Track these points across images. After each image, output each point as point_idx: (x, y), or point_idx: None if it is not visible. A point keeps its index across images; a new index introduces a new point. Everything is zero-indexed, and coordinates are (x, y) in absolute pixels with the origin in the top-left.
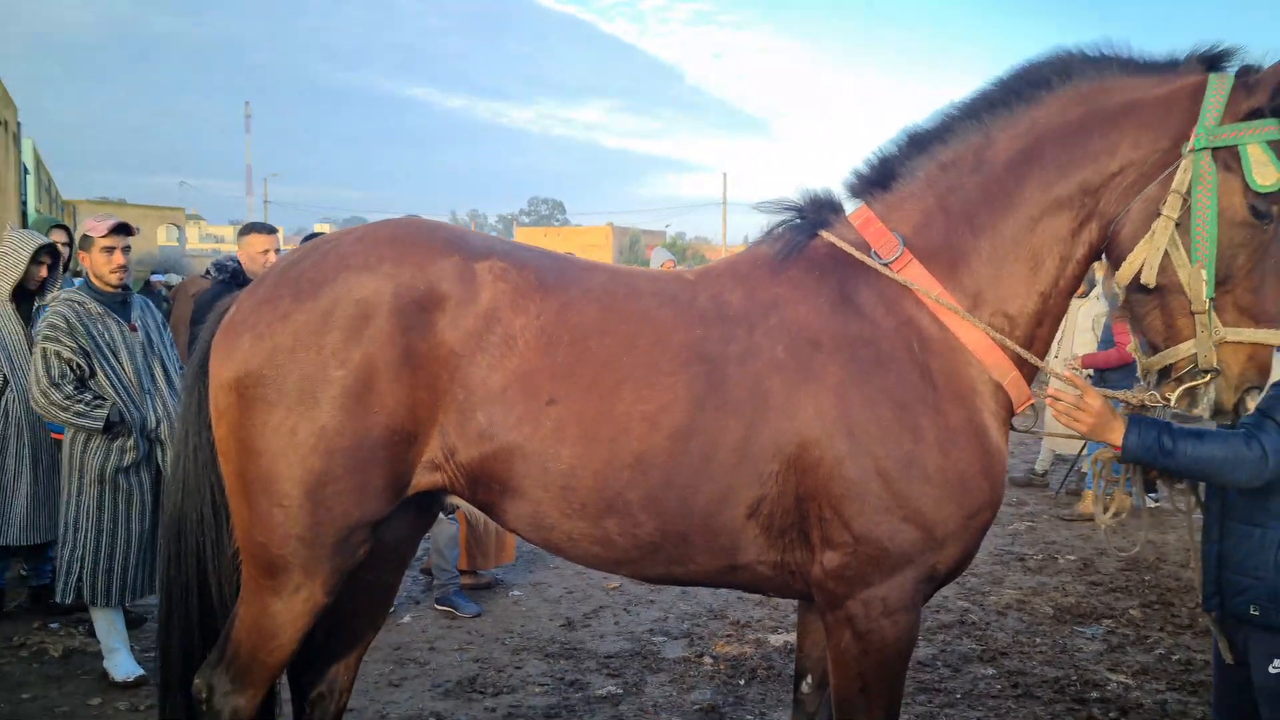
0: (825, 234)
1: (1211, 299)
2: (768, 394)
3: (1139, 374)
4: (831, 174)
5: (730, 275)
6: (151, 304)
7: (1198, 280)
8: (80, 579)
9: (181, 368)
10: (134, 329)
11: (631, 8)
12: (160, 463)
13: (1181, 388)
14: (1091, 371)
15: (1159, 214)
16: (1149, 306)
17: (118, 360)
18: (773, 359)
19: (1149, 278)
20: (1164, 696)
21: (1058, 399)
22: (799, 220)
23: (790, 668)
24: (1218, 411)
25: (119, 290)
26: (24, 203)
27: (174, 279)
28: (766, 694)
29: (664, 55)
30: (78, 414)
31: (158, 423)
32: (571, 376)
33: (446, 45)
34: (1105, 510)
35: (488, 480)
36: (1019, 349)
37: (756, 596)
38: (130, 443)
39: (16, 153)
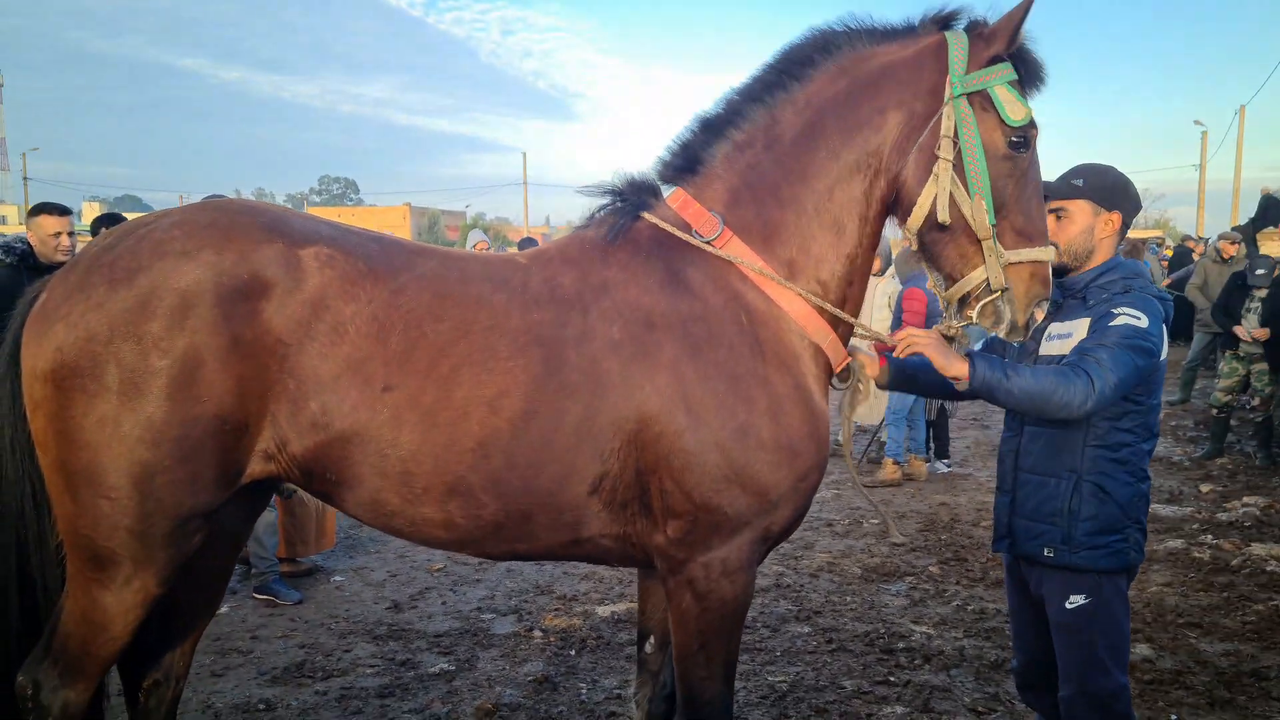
0: (648, 216)
1: (994, 225)
2: (606, 374)
3: (941, 307)
4: (635, 155)
5: (561, 259)
6: None
7: (980, 211)
8: None
9: None
10: None
11: None
12: None
13: (981, 304)
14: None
15: (937, 158)
16: (942, 245)
17: None
18: (609, 340)
19: (943, 216)
20: (962, 643)
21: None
22: (620, 203)
23: (619, 637)
24: (1012, 329)
25: None
26: None
27: None
28: (597, 663)
29: (455, 31)
30: None
31: None
32: (407, 363)
33: (218, 12)
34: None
35: (323, 469)
36: (836, 310)
37: (583, 571)
38: None
39: None
